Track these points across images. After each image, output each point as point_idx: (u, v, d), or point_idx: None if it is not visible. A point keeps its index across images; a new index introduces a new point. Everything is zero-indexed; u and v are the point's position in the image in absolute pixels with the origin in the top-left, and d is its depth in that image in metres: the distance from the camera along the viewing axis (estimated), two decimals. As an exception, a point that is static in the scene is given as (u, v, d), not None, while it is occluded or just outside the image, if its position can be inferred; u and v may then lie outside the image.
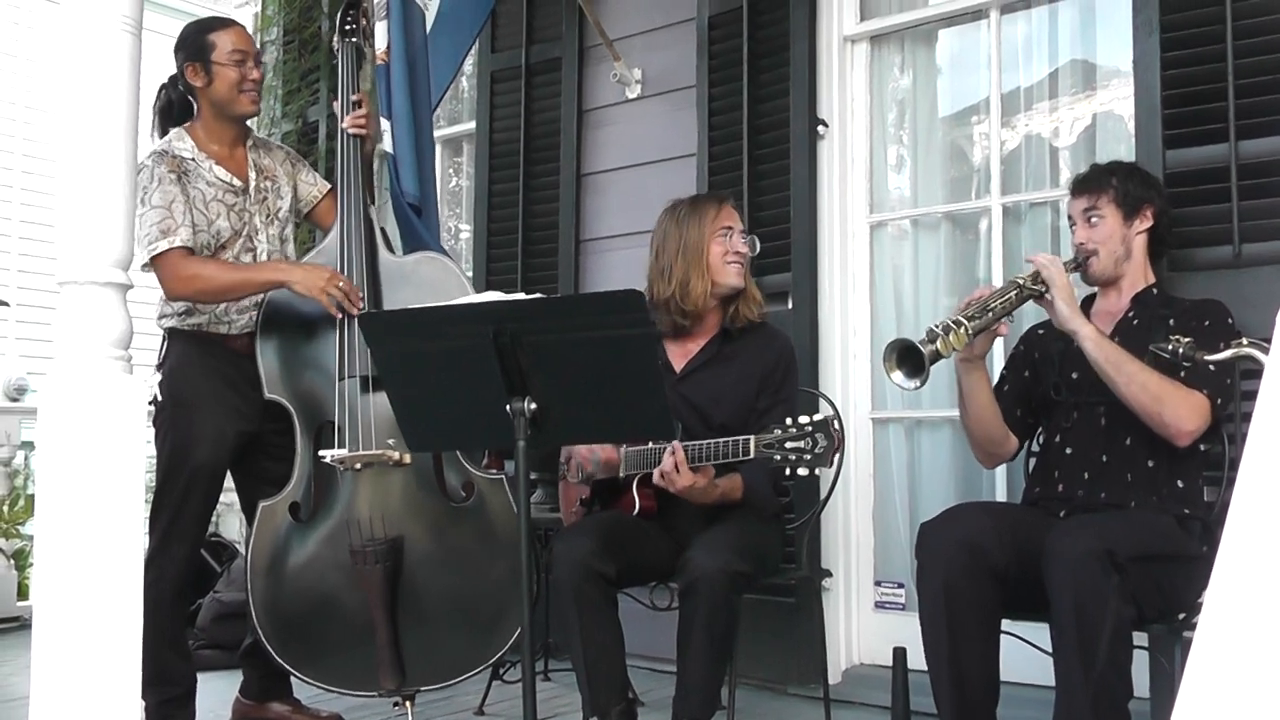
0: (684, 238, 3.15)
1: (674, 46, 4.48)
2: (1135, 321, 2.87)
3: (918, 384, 2.62)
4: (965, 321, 2.66)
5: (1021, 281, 2.77)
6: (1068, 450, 2.86)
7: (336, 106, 3.54)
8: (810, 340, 3.99)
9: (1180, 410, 2.62)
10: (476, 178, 5.09)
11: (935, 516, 2.75)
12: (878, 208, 4.18)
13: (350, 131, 3.41)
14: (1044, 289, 2.75)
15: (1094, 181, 2.93)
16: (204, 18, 3.51)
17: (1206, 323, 2.71)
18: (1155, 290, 2.93)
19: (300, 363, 3.30)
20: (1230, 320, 2.75)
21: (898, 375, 2.63)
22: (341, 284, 3.19)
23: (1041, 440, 3.03)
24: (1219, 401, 2.66)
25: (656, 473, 2.86)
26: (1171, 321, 2.75)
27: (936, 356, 2.60)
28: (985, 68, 3.98)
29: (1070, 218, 3.00)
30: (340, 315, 3.20)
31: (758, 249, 3.24)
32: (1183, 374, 2.64)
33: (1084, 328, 2.70)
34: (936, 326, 2.64)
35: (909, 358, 2.62)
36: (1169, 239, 3.02)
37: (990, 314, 2.71)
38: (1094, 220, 2.90)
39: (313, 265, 3.29)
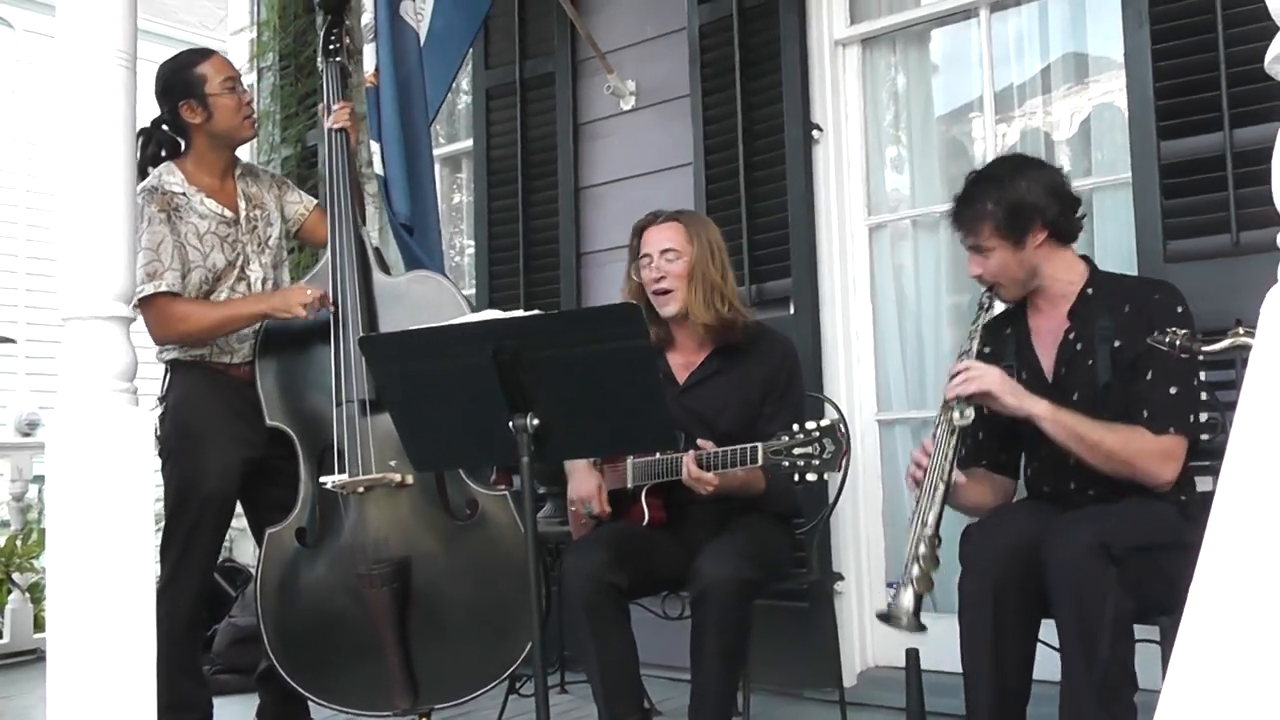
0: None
1: (666, 57, 4.49)
2: (1079, 346, 2.72)
3: (916, 628, 2.48)
4: (924, 529, 2.52)
5: (950, 419, 2.61)
6: (1045, 489, 2.80)
7: (321, 116, 3.54)
8: (813, 344, 4.00)
9: (1151, 466, 2.53)
10: (475, 195, 5.10)
11: (981, 519, 2.71)
12: (875, 210, 4.19)
13: (334, 127, 3.42)
14: (971, 417, 2.60)
15: (969, 216, 2.72)
16: (179, 54, 3.45)
17: (1154, 334, 2.49)
18: (1090, 290, 2.73)
19: (299, 388, 3.31)
20: (1180, 308, 2.61)
21: (903, 622, 2.49)
22: (310, 290, 3.21)
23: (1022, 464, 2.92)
24: (1192, 420, 2.57)
25: (686, 475, 2.85)
26: (1117, 343, 2.61)
27: (919, 601, 2.48)
28: (978, 66, 3.99)
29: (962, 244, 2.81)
30: (324, 309, 3.22)
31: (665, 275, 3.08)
32: (1145, 413, 2.55)
33: (1036, 408, 2.57)
34: (903, 573, 2.52)
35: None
36: (1074, 226, 2.76)
37: (943, 486, 2.57)
38: (985, 254, 2.71)
39: (286, 288, 3.32)
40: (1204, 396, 2.72)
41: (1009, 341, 2.82)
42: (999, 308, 2.88)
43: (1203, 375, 2.72)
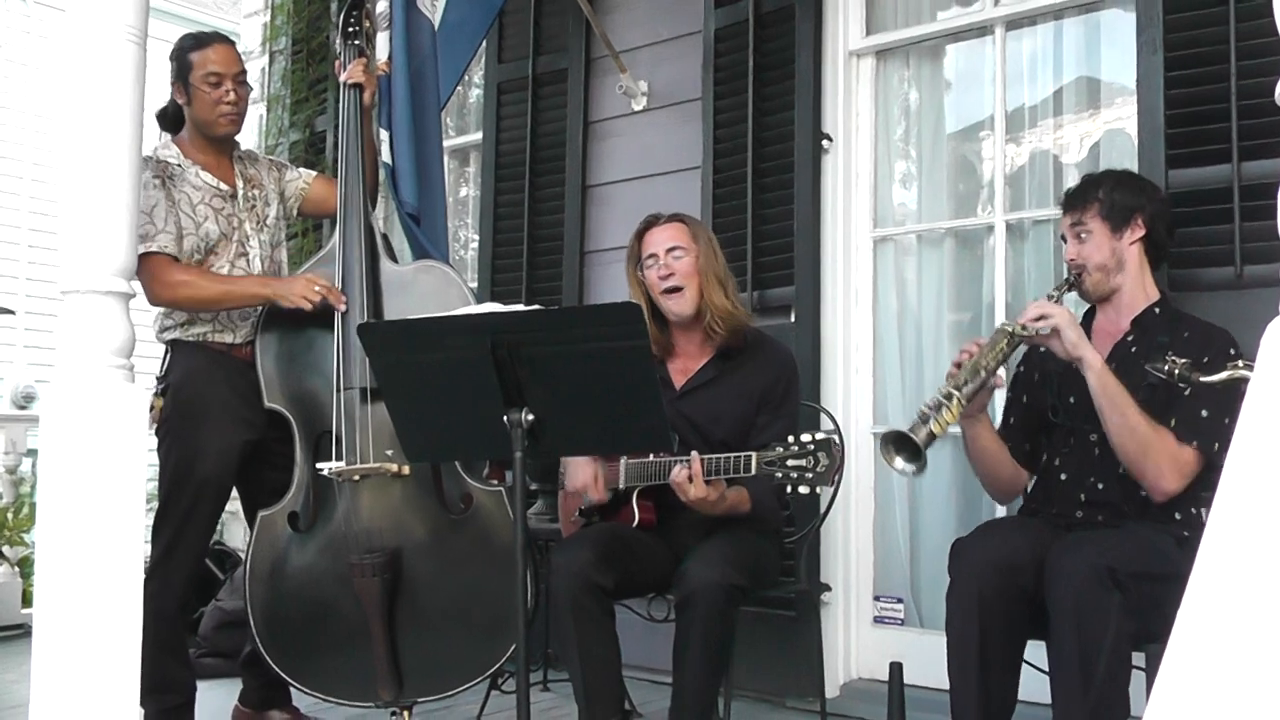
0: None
1: (680, 59, 4.49)
2: (1134, 349, 2.79)
3: (916, 469, 2.56)
4: (956, 392, 2.60)
5: (1011, 329, 2.70)
6: (1063, 476, 2.84)
7: (338, 66, 3.53)
8: (812, 354, 4.00)
9: (1163, 467, 2.57)
10: (483, 189, 5.10)
11: (970, 533, 2.74)
12: (881, 222, 4.19)
13: (348, 82, 3.43)
14: (1033, 333, 2.68)
15: (1080, 195, 2.88)
16: (194, 33, 3.49)
17: (1206, 359, 2.58)
18: (1158, 310, 2.84)
19: (299, 372, 3.30)
20: (1233, 351, 2.67)
21: (899, 462, 2.56)
22: (319, 285, 3.20)
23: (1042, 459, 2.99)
24: (1216, 449, 2.57)
25: (674, 477, 2.83)
26: (1170, 355, 2.60)
27: (931, 439, 2.54)
28: (990, 84, 3.99)
29: (1063, 235, 2.94)
30: (314, 309, 3.20)
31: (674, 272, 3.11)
32: (1174, 422, 2.60)
33: (1091, 355, 2.64)
34: (928, 406, 2.58)
35: (906, 444, 2.55)
36: (1167, 245, 2.94)
37: (983, 373, 2.65)
38: (1082, 236, 2.84)
39: (291, 276, 3.32)
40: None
41: None
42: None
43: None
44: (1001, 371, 2.71)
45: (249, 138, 5.16)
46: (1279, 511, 1.00)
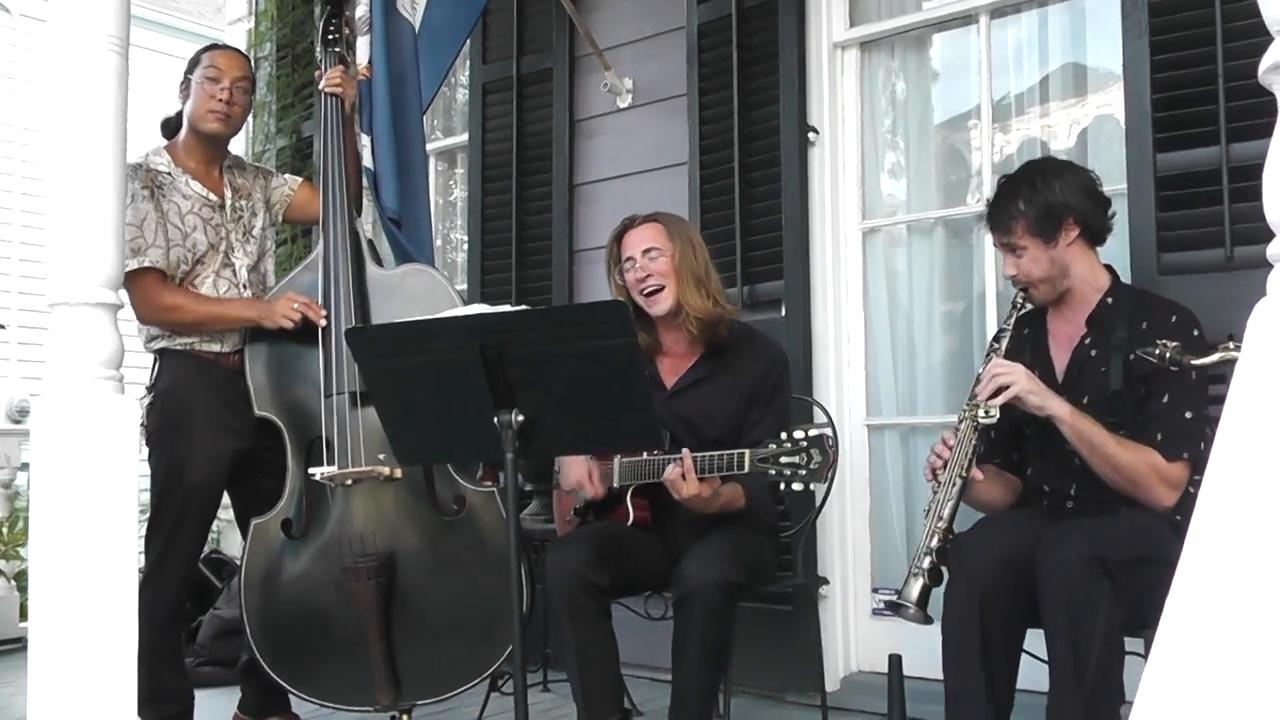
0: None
1: (664, 55, 4.48)
2: (1093, 352, 2.77)
3: (922, 619, 2.60)
4: (938, 528, 2.61)
5: (975, 415, 2.67)
6: (1046, 487, 2.83)
7: (319, 75, 3.56)
8: (804, 348, 3.99)
9: (1155, 490, 2.57)
10: (469, 189, 5.09)
11: (969, 529, 2.72)
12: (870, 214, 4.18)
13: (327, 90, 3.45)
14: (997, 415, 2.65)
15: (1003, 215, 2.78)
16: (215, 43, 3.58)
17: (1143, 348, 2.53)
18: (1111, 299, 2.79)
19: (289, 379, 3.30)
20: (1196, 333, 2.64)
21: (909, 611, 2.60)
22: (298, 304, 3.23)
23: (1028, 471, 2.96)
24: (1203, 448, 2.56)
25: (667, 475, 2.82)
26: (1131, 357, 2.62)
27: (927, 591, 2.58)
28: (976, 73, 3.98)
29: (996, 245, 2.89)
30: (297, 326, 3.23)
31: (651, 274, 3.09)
32: (1160, 438, 2.58)
33: (1059, 409, 2.61)
34: (919, 554, 2.61)
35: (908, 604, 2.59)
36: (1104, 225, 2.84)
37: (959, 480, 2.65)
38: (1018, 252, 2.77)
39: (272, 299, 3.33)
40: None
41: (1026, 342, 2.86)
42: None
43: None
44: (976, 470, 2.69)
45: (236, 145, 5.15)
46: (1267, 491, 1.00)
